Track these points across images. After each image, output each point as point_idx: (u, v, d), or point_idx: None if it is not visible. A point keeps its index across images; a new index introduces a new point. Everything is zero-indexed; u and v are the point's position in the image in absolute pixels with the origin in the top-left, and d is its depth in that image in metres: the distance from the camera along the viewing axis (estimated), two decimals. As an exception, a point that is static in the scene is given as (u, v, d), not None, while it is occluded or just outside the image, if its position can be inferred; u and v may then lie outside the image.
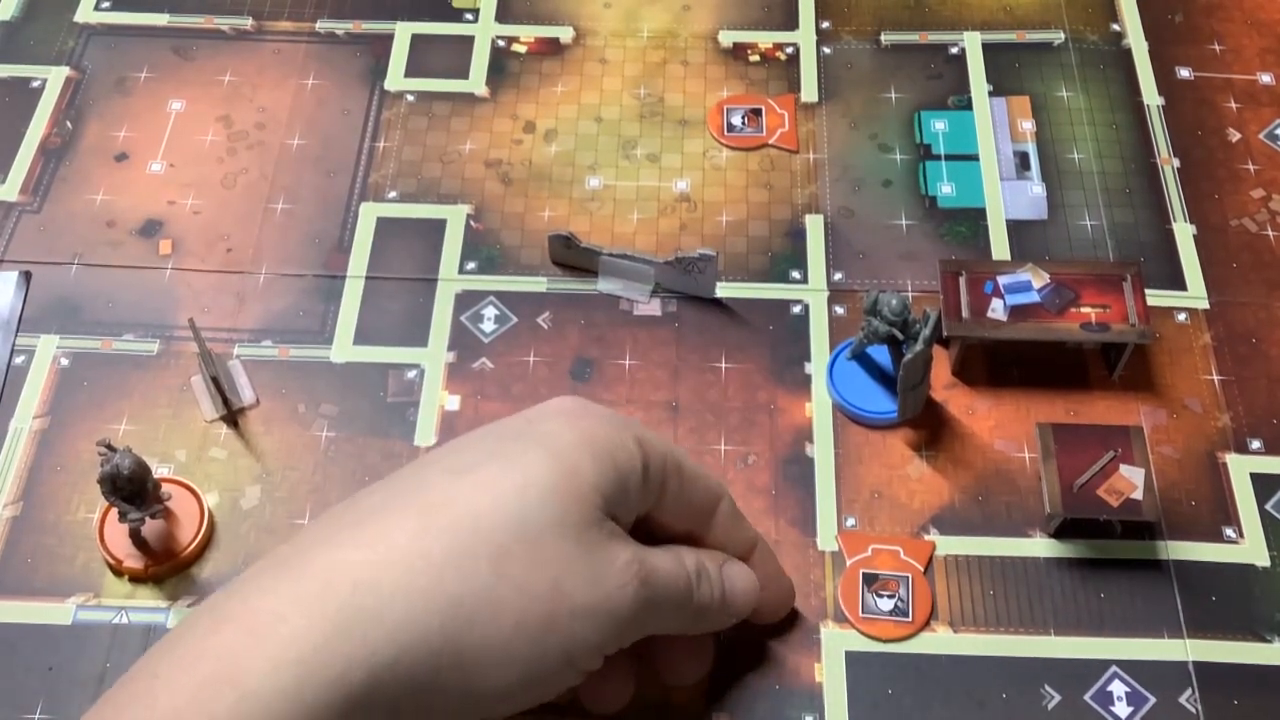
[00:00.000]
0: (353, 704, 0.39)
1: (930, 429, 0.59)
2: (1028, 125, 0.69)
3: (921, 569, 0.54)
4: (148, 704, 0.38)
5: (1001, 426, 0.59)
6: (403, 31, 0.73)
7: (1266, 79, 0.71)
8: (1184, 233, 0.65)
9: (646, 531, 0.48)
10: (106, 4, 0.75)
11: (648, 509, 0.47)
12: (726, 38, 0.73)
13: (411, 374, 0.61)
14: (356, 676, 0.39)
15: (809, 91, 0.71)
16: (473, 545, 0.42)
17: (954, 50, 0.72)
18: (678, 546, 0.48)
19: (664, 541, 0.48)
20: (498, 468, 0.44)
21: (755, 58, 0.72)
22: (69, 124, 0.69)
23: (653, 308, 0.63)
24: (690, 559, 0.48)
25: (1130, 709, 0.51)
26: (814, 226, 0.65)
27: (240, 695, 0.38)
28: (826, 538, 0.56)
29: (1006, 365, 0.60)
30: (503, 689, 0.42)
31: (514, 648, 0.42)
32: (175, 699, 0.38)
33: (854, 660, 0.53)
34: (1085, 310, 0.58)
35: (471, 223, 0.66)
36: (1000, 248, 0.65)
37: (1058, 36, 0.73)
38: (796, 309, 0.63)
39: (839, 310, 0.63)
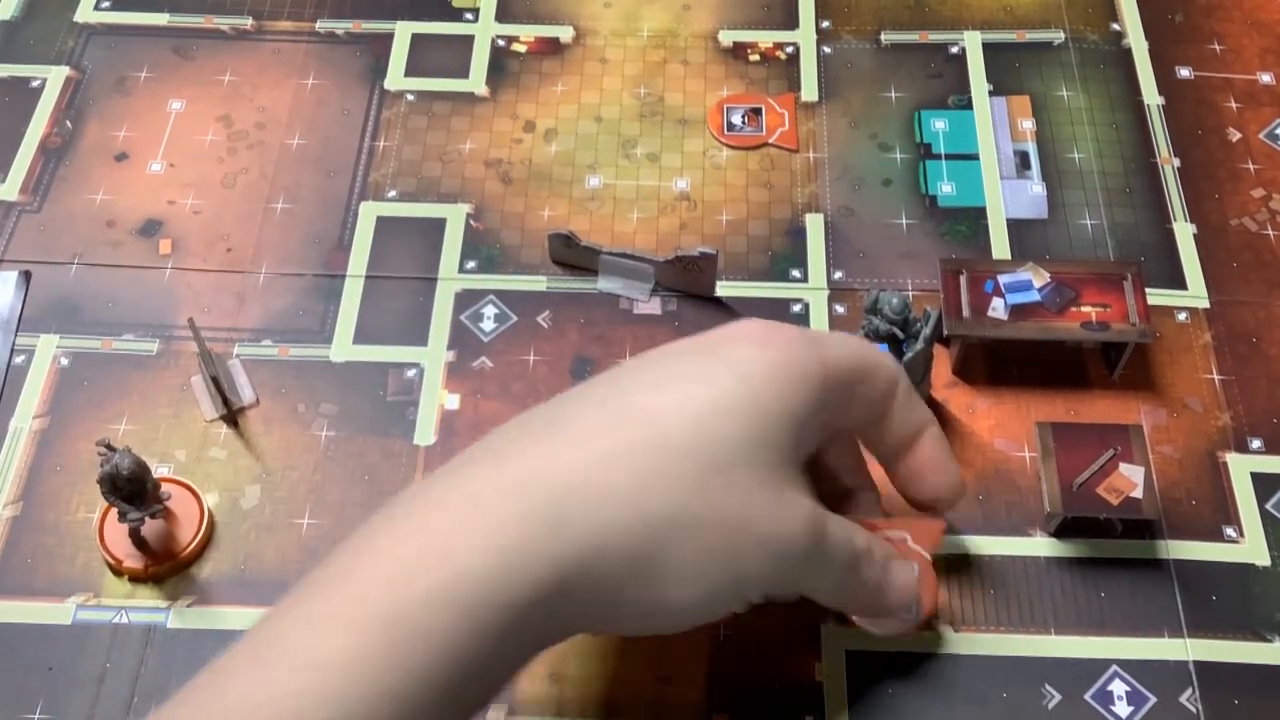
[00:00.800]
0: (545, 598, 0.40)
1: (930, 428, 0.59)
2: (1028, 124, 0.69)
3: (928, 555, 0.53)
4: (369, 569, 0.40)
5: (1002, 425, 0.59)
6: (403, 31, 0.73)
7: (1266, 79, 0.71)
8: (1184, 232, 0.65)
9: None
10: (106, 4, 0.75)
11: (839, 424, 0.48)
12: (726, 37, 0.73)
13: (411, 373, 0.61)
14: (554, 573, 0.40)
15: (809, 91, 0.71)
16: (675, 464, 0.42)
17: (954, 50, 0.72)
18: (853, 523, 0.48)
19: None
20: (698, 389, 0.44)
21: (755, 57, 0.72)
22: (69, 124, 0.69)
23: (653, 306, 0.63)
24: (862, 538, 0.48)
25: (1131, 708, 0.51)
26: (814, 225, 0.65)
27: (455, 570, 0.39)
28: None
29: (1007, 364, 0.60)
30: (682, 606, 0.43)
31: (699, 570, 0.43)
32: (396, 565, 0.39)
33: (854, 660, 0.52)
34: (1085, 309, 0.58)
35: (471, 222, 0.66)
36: (1000, 247, 0.65)
37: (1058, 36, 0.73)
38: (797, 308, 0.63)
39: (839, 309, 0.63)
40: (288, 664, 0.38)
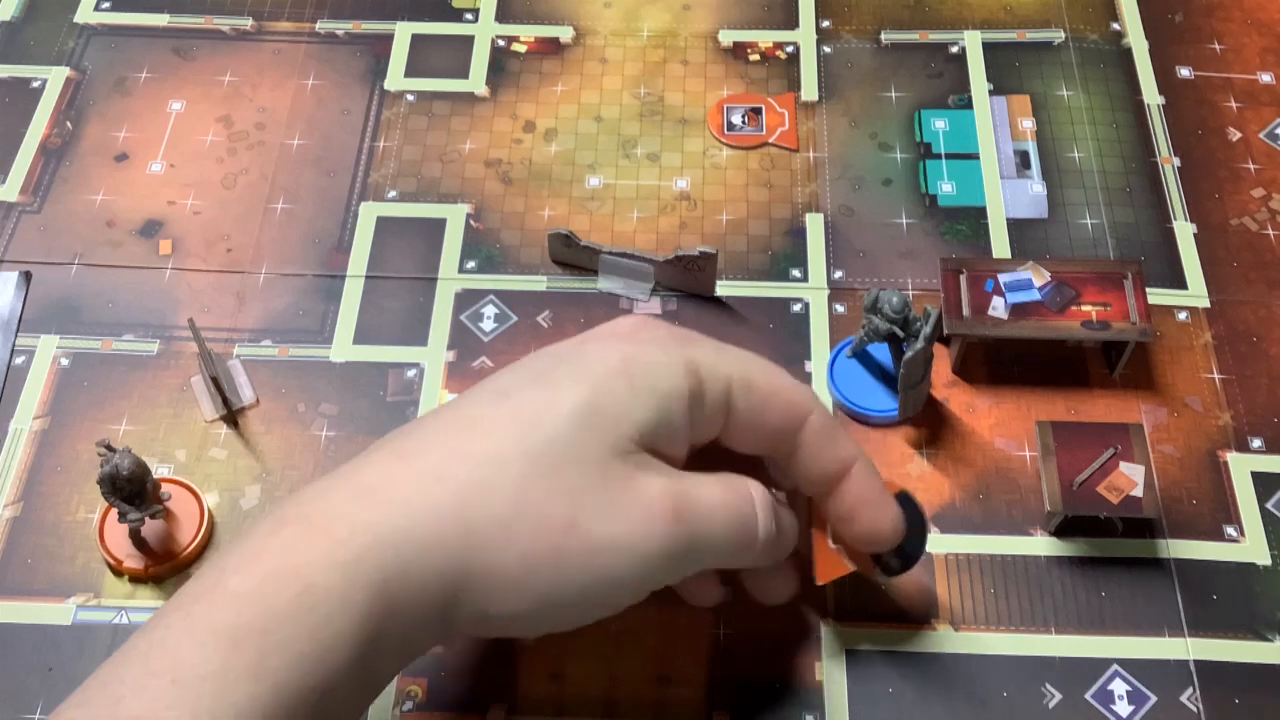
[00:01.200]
0: (387, 608, 0.41)
1: (931, 427, 0.59)
2: (1028, 124, 0.69)
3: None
4: (219, 592, 0.41)
5: (1002, 425, 0.59)
6: (403, 31, 0.73)
7: (1266, 78, 0.71)
8: (1184, 231, 0.65)
9: (724, 455, 0.47)
10: (106, 4, 0.75)
11: (713, 435, 0.47)
12: (726, 37, 0.73)
13: (411, 373, 0.61)
14: (390, 586, 0.41)
15: (809, 90, 0.71)
16: (493, 475, 0.43)
17: (954, 49, 0.72)
18: (742, 477, 0.47)
19: (743, 467, 0.47)
20: (533, 394, 0.44)
21: (755, 57, 0.72)
22: (69, 124, 0.70)
23: (653, 306, 0.63)
24: (758, 489, 0.47)
25: (1131, 708, 0.51)
26: (814, 225, 0.65)
27: (304, 588, 0.40)
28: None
29: (1007, 363, 0.60)
30: (518, 615, 0.43)
31: (522, 577, 0.43)
32: (244, 585, 0.40)
33: (854, 659, 0.52)
34: (1086, 308, 0.58)
35: (471, 222, 0.66)
36: (1001, 246, 0.65)
37: (1058, 36, 0.73)
38: (797, 307, 0.63)
39: (839, 309, 0.63)
40: (171, 676, 0.39)
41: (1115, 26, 0.73)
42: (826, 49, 0.73)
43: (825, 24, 0.74)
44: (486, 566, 0.42)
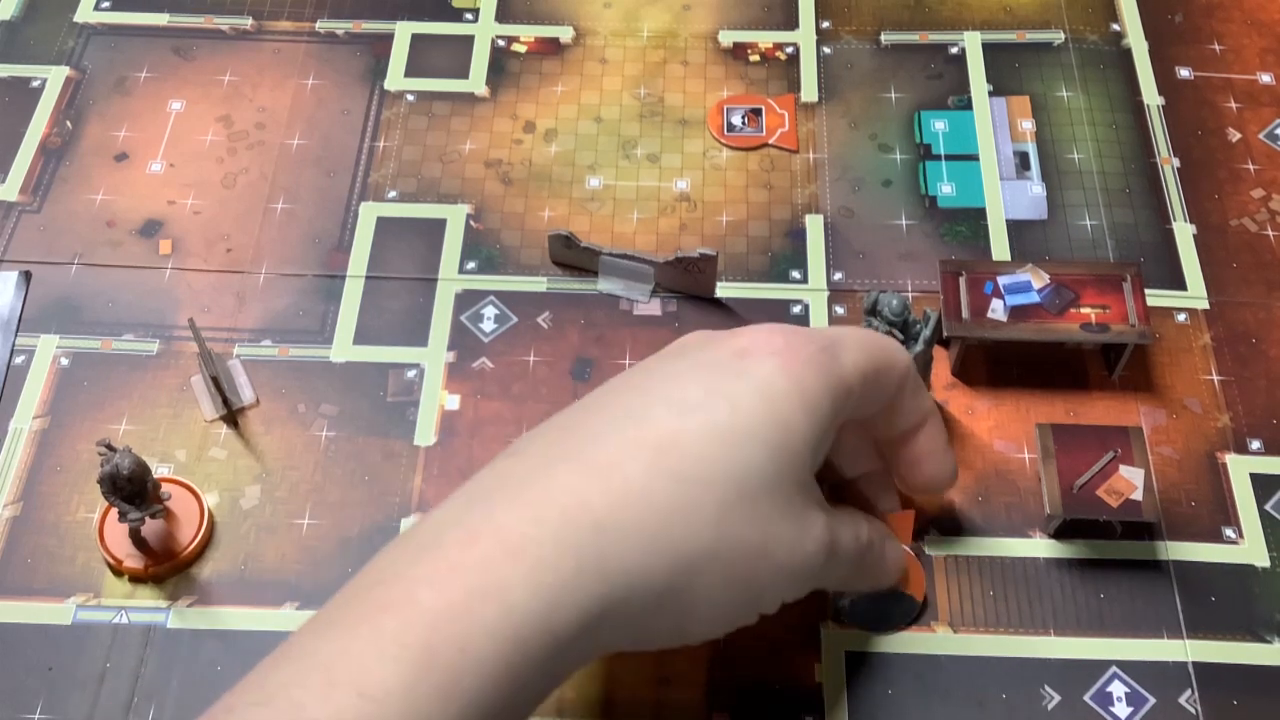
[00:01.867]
0: (583, 632, 0.41)
1: (930, 429, 0.59)
2: (1028, 125, 0.69)
3: (908, 544, 0.54)
4: (412, 606, 0.40)
5: (1001, 427, 0.59)
6: (403, 31, 0.73)
7: (1266, 79, 0.71)
8: (1184, 233, 0.65)
9: None
10: (106, 4, 0.75)
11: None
12: (726, 37, 0.73)
13: (411, 373, 0.61)
14: (591, 610, 0.41)
15: (809, 91, 0.71)
16: (700, 497, 0.42)
17: (954, 50, 0.72)
18: (856, 515, 0.49)
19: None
20: (722, 412, 0.44)
21: (755, 57, 0.72)
22: (69, 124, 0.69)
23: (653, 307, 0.63)
24: (865, 531, 0.49)
25: (1130, 709, 0.51)
26: (814, 226, 0.65)
27: (505, 610, 0.39)
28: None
29: (1006, 366, 0.60)
30: (707, 628, 0.45)
31: (723, 597, 0.44)
32: (441, 601, 0.39)
33: (854, 660, 0.52)
34: (1085, 311, 0.58)
35: (471, 222, 0.66)
36: (1000, 248, 0.65)
37: (1058, 36, 0.73)
38: (796, 309, 0.63)
39: (839, 310, 0.63)
40: (357, 689, 0.38)
41: (1115, 27, 0.73)
42: (826, 50, 0.73)
43: (825, 25, 0.74)
44: (694, 587, 0.43)
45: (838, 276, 0.64)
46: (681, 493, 0.42)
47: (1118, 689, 0.52)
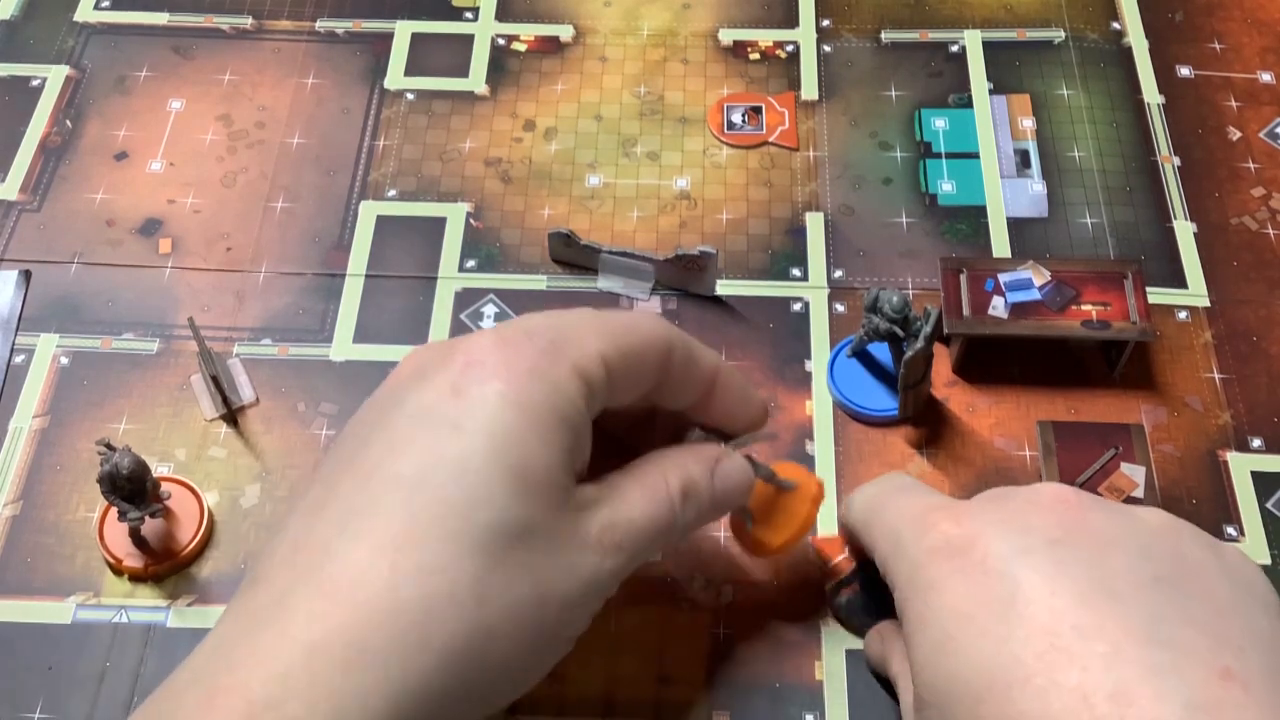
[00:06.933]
0: None
1: (931, 427, 0.59)
2: (1028, 123, 0.69)
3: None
4: None
5: (1002, 424, 0.59)
6: (402, 30, 0.73)
7: (1267, 78, 0.71)
8: (1184, 231, 0.65)
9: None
10: (106, 3, 0.75)
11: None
12: (726, 35, 0.73)
13: (411, 372, 0.60)
14: None
15: (809, 89, 0.71)
16: (452, 584, 0.38)
17: (954, 48, 0.72)
18: (659, 465, 0.45)
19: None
20: (448, 481, 0.39)
21: (755, 56, 0.72)
22: (69, 123, 0.69)
23: (653, 305, 0.63)
24: (675, 479, 0.44)
25: (1131, 707, 0.51)
26: (814, 224, 0.65)
27: None
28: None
29: (1007, 363, 0.60)
30: (519, 689, 0.42)
31: (519, 660, 0.41)
32: None
33: (854, 659, 0.52)
34: (1086, 308, 0.58)
35: (471, 221, 0.66)
36: (1001, 245, 0.65)
37: (1058, 35, 0.73)
38: (797, 307, 0.63)
39: (839, 308, 0.63)
40: None
41: (1115, 26, 0.73)
42: (826, 48, 0.73)
43: (825, 23, 0.74)
44: (480, 668, 0.39)
45: (838, 274, 0.64)
46: (433, 586, 0.38)
47: (1119, 687, 0.52)
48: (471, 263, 0.64)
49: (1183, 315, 0.62)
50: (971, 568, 0.41)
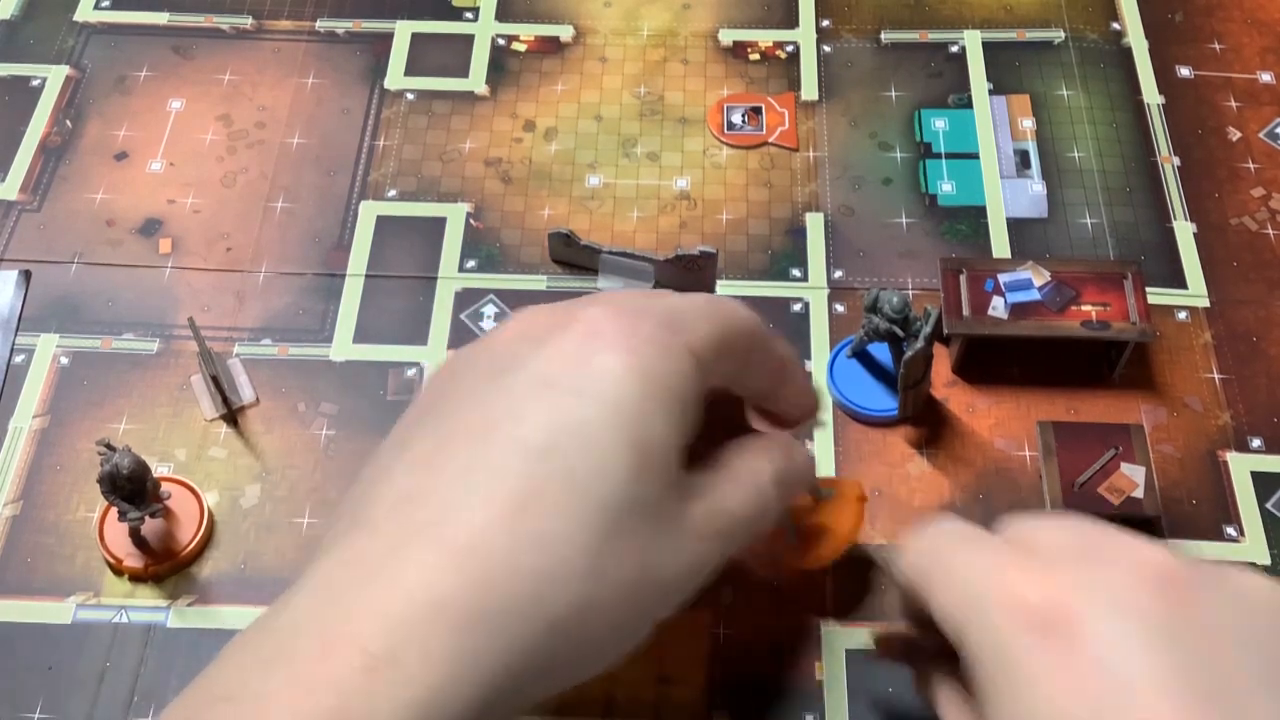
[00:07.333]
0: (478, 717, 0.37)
1: (931, 427, 0.59)
2: (1028, 123, 0.69)
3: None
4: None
5: (1002, 424, 0.59)
6: (402, 30, 0.73)
7: (1266, 78, 0.71)
8: (1184, 231, 0.65)
9: None
10: (106, 3, 0.75)
11: None
12: (726, 36, 0.73)
13: (411, 372, 0.61)
14: (473, 712, 0.37)
15: (809, 90, 0.71)
16: (567, 555, 0.38)
17: (954, 49, 0.72)
18: (752, 454, 0.45)
19: None
20: (574, 450, 0.39)
21: (755, 56, 0.72)
22: (69, 123, 0.69)
23: (653, 306, 0.63)
24: (768, 470, 0.45)
25: (1131, 707, 0.51)
26: (814, 224, 0.65)
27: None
28: (827, 536, 0.56)
29: (1007, 363, 0.60)
30: (608, 664, 0.41)
31: (612, 638, 0.41)
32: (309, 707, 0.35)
33: (854, 659, 0.52)
34: (1086, 308, 0.58)
35: (471, 221, 0.66)
36: (1000, 246, 0.65)
37: (1058, 35, 0.73)
38: (797, 307, 0.63)
39: (839, 308, 0.63)
40: None
41: (1115, 26, 0.73)
42: (826, 48, 0.73)
43: (825, 23, 0.74)
44: (579, 643, 0.39)
45: (838, 274, 0.64)
46: (551, 556, 0.38)
47: (1119, 687, 0.52)
48: (471, 263, 0.64)
49: (1182, 316, 0.62)
50: (1071, 653, 0.37)
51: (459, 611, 0.37)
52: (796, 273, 0.64)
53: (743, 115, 0.69)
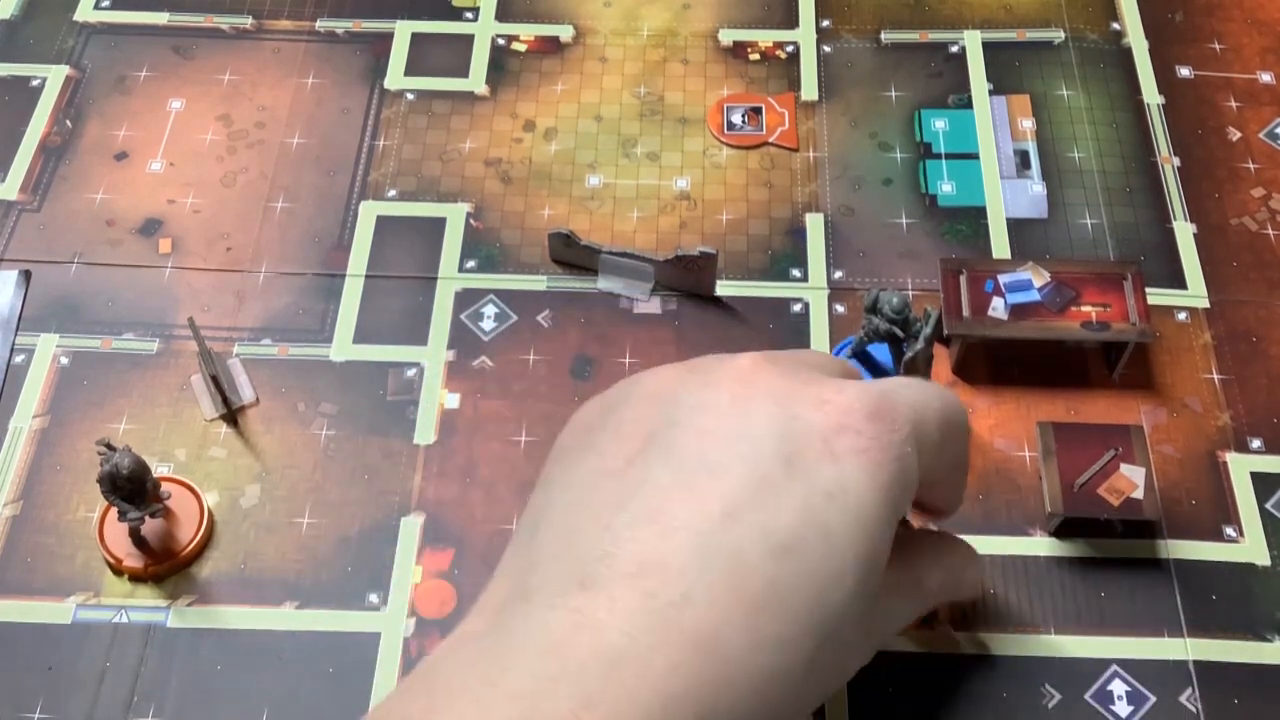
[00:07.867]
0: None
1: (930, 428, 0.59)
2: (1028, 124, 0.69)
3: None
4: None
5: (1002, 425, 0.59)
6: (402, 30, 0.73)
7: (1266, 78, 0.71)
8: (1184, 231, 0.65)
9: None
10: (106, 3, 0.74)
11: None
12: (726, 36, 0.73)
13: (411, 372, 0.61)
14: None
15: (809, 90, 0.71)
16: (795, 658, 0.38)
17: (954, 49, 0.72)
18: (923, 561, 0.46)
19: None
20: (817, 552, 0.39)
21: (755, 56, 0.72)
22: (69, 123, 0.69)
23: (652, 306, 0.63)
24: (936, 579, 0.47)
25: (1130, 708, 0.51)
26: (814, 225, 0.65)
27: None
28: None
29: (1007, 364, 0.60)
30: None
31: (795, 714, 0.41)
32: None
33: (854, 659, 0.52)
34: (1086, 309, 0.58)
35: (471, 221, 0.66)
36: (1000, 246, 0.65)
37: (1058, 35, 0.73)
38: (797, 307, 0.63)
39: (839, 309, 0.63)
40: None
41: (1115, 26, 0.73)
42: (826, 48, 0.73)
43: (825, 23, 0.74)
44: None
45: (838, 275, 0.64)
46: (780, 659, 0.38)
47: (1118, 687, 0.52)
48: (471, 263, 0.64)
49: (1182, 316, 0.62)
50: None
51: (694, 709, 0.36)
52: (796, 273, 0.64)
53: (743, 115, 0.69)
